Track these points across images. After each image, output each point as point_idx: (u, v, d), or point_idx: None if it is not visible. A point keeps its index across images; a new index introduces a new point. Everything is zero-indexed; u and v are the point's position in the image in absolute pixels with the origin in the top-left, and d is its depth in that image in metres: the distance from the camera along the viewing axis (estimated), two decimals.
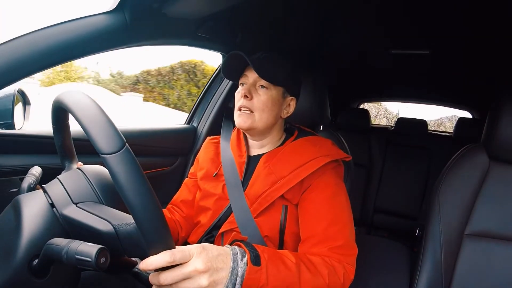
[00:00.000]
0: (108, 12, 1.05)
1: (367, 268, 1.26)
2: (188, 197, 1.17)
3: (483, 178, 1.16)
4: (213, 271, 0.64)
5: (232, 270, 0.68)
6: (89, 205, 0.66)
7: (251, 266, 0.71)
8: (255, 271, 0.71)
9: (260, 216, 0.97)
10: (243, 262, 0.70)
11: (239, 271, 0.69)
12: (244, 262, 0.70)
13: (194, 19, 1.30)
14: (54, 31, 0.94)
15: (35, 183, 0.73)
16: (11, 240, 0.61)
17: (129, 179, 0.52)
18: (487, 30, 1.43)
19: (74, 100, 0.59)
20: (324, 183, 0.97)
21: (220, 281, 0.65)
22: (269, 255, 0.76)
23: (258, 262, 0.72)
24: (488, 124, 1.17)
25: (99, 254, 0.53)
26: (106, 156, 0.52)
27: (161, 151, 1.66)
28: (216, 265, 0.65)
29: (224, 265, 0.67)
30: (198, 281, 0.62)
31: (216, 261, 0.66)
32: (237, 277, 0.68)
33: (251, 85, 1.02)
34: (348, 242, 0.91)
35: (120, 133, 0.55)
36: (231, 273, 0.67)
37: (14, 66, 0.86)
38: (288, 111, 1.08)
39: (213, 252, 0.67)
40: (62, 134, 0.75)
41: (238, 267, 0.69)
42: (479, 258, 1.13)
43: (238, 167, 1.06)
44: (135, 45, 1.19)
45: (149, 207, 0.54)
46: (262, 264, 0.73)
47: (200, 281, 0.62)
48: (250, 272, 0.70)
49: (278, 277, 0.74)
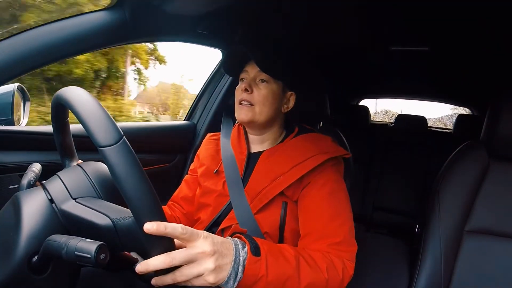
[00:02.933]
0: (108, 9, 1.05)
1: (366, 265, 1.26)
2: (188, 193, 1.17)
3: (483, 175, 1.16)
4: (218, 255, 0.65)
5: (235, 258, 0.68)
6: (88, 200, 0.66)
7: (251, 256, 0.71)
8: (254, 261, 0.71)
9: (260, 212, 0.97)
10: (244, 251, 0.71)
11: (241, 260, 0.70)
12: (245, 251, 0.71)
13: (193, 15, 1.29)
14: (54, 28, 0.94)
15: (34, 179, 0.73)
16: (11, 236, 0.61)
17: (126, 171, 0.52)
18: (487, 26, 1.43)
19: (72, 95, 0.59)
20: (324, 180, 0.97)
21: (224, 267, 0.66)
22: (269, 247, 0.77)
23: (258, 253, 0.73)
24: (487, 121, 1.17)
25: (99, 250, 0.53)
26: (104, 149, 0.52)
27: (160, 148, 1.66)
28: (221, 250, 0.66)
29: (228, 252, 0.68)
30: (205, 265, 0.63)
31: (221, 247, 0.67)
32: (239, 266, 0.69)
33: (252, 80, 1.04)
34: (347, 238, 0.91)
35: (118, 126, 0.55)
36: (234, 261, 0.68)
37: (15, 62, 0.86)
38: (288, 106, 1.09)
39: (218, 239, 0.68)
40: (62, 132, 0.75)
41: (240, 256, 0.70)
42: (479, 255, 1.13)
43: (239, 164, 1.06)
44: (134, 41, 1.19)
45: (147, 200, 0.54)
46: (262, 255, 0.73)
47: (207, 264, 0.63)
48: (250, 262, 0.70)
49: (278, 269, 0.75)
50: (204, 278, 0.63)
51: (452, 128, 3.00)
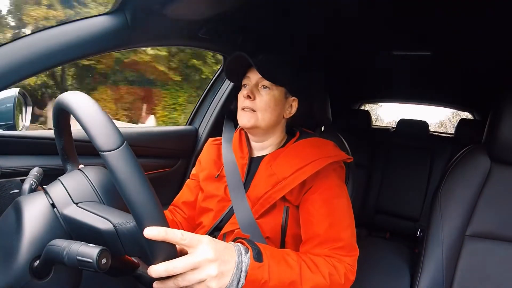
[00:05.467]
0: (109, 13, 1.05)
1: (368, 269, 1.26)
2: (189, 198, 1.17)
3: (485, 179, 1.15)
4: (221, 261, 0.65)
5: (237, 264, 0.68)
6: (90, 205, 0.66)
7: (254, 262, 0.71)
8: (257, 267, 0.71)
9: (262, 217, 0.97)
10: (247, 257, 0.71)
11: (243, 265, 0.69)
12: (247, 257, 0.71)
13: (195, 20, 1.30)
14: (55, 32, 0.95)
15: (36, 184, 0.73)
16: (13, 241, 0.60)
17: (128, 176, 0.52)
18: (488, 31, 1.43)
19: (74, 100, 0.59)
20: (326, 185, 0.97)
21: (227, 273, 0.66)
22: (271, 253, 0.76)
23: (261, 258, 0.73)
24: (489, 125, 1.17)
25: (101, 255, 0.53)
26: (105, 153, 0.52)
27: (162, 153, 1.66)
28: (224, 257, 0.66)
29: (231, 258, 0.68)
30: (207, 271, 0.62)
31: (224, 253, 0.66)
32: (241, 271, 0.69)
33: (254, 86, 1.03)
34: (349, 243, 0.91)
35: (119, 131, 0.55)
36: (236, 267, 0.68)
37: (16, 67, 0.87)
38: (290, 111, 1.09)
39: (221, 245, 0.68)
40: (63, 137, 0.75)
41: (243, 262, 0.70)
42: (480, 259, 1.13)
43: (240, 169, 1.06)
44: (136, 46, 1.19)
45: (148, 204, 0.54)
46: (264, 261, 0.73)
47: (209, 270, 0.63)
48: (253, 268, 0.70)
49: (280, 274, 0.74)
50: (207, 284, 0.63)
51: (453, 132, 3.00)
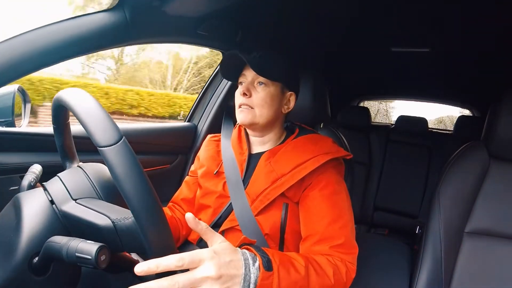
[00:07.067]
0: (108, 10, 1.05)
1: (367, 266, 1.26)
2: (188, 195, 1.17)
3: (484, 176, 1.15)
4: (225, 277, 0.61)
5: (244, 276, 0.65)
6: (88, 201, 0.66)
7: (264, 271, 0.68)
8: (267, 277, 0.69)
9: (261, 214, 0.97)
10: (255, 267, 0.68)
11: (252, 277, 0.66)
12: (256, 268, 0.68)
13: (194, 17, 1.29)
14: (54, 29, 0.94)
15: (35, 181, 0.73)
16: (12, 238, 0.61)
17: (126, 171, 0.52)
18: (487, 27, 1.43)
19: (73, 96, 0.59)
20: (325, 181, 0.97)
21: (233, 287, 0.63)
22: (280, 259, 0.74)
23: (270, 267, 0.70)
24: (488, 122, 1.17)
25: (99, 251, 0.53)
26: (103, 149, 0.53)
27: (161, 149, 1.66)
28: (228, 271, 0.62)
29: (237, 271, 0.64)
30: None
31: (228, 268, 0.62)
32: (249, 284, 0.66)
33: (250, 83, 1.03)
34: (349, 240, 0.91)
35: (117, 127, 0.55)
36: (243, 279, 0.64)
37: (15, 64, 0.86)
38: (288, 106, 1.09)
39: (226, 258, 0.63)
40: (62, 134, 0.75)
41: (251, 273, 0.66)
42: (479, 256, 1.13)
43: (239, 165, 1.06)
44: (135, 42, 1.19)
45: (147, 199, 0.54)
46: (274, 269, 0.71)
47: (213, 287, 0.59)
48: (263, 278, 0.68)
49: (289, 281, 0.73)
50: None
51: None
